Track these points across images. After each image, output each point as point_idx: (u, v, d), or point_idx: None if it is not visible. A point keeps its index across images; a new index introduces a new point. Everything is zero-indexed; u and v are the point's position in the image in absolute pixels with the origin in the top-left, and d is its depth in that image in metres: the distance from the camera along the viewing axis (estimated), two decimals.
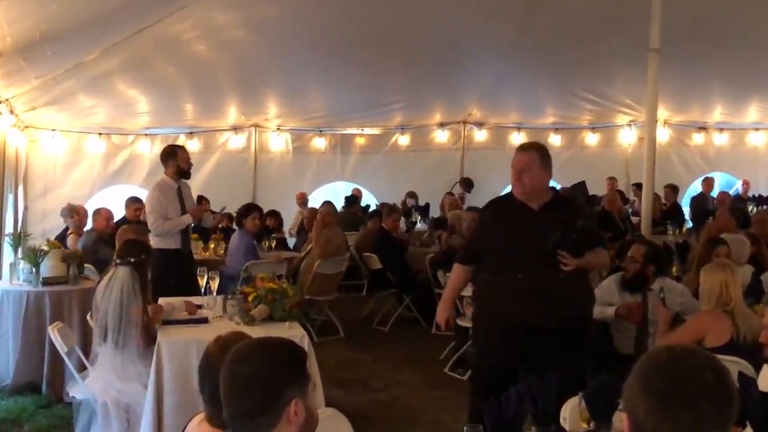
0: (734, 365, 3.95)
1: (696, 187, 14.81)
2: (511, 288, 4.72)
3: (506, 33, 9.81)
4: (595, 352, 5.28)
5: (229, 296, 5.68)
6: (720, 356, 4.25)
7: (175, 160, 7.73)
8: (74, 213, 9.31)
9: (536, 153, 4.77)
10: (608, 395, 2.71)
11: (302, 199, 13.29)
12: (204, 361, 2.85)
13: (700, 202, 13.74)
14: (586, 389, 2.86)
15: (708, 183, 14.22)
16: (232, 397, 2.29)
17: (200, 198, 8.15)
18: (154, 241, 7.70)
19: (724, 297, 4.65)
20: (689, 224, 12.04)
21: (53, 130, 11.44)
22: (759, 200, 13.20)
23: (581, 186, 4.65)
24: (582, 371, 3.06)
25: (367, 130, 14.15)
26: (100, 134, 12.05)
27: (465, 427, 2.70)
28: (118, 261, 5.31)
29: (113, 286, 5.20)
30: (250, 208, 9.54)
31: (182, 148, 8.15)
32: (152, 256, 7.60)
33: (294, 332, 5.14)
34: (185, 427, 2.94)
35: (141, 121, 12.10)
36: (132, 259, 5.30)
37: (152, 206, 7.67)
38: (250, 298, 5.48)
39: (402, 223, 12.02)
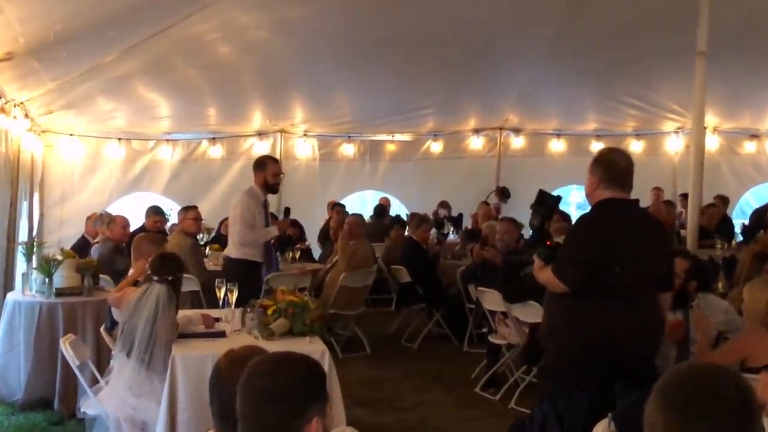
0: None
1: (746, 199, 14.60)
2: None
3: (545, 34, 9.75)
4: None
5: (248, 309, 5.69)
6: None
7: (263, 171, 7.78)
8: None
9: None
10: (639, 414, 2.67)
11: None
12: (214, 375, 2.86)
13: (763, 214, 13.39)
14: (616, 409, 2.83)
15: None
16: (250, 413, 2.29)
17: (287, 210, 8.22)
18: (235, 251, 7.73)
19: None
20: (740, 238, 11.88)
21: (71, 134, 11.61)
22: None
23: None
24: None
25: (398, 137, 14.17)
26: (119, 139, 12.22)
27: None
28: (155, 278, 5.34)
29: (146, 302, 5.23)
30: None
31: (274, 161, 8.09)
32: (234, 267, 7.65)
33: (315, 347, 5.14)
34: None
35: (162, 126, 12.24)
36: (170, 278, 5.35)
37: (242, 213, 7.66)
38: (269, 312, 5.49)
39: (433, 235, 12.00)
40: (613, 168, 4.65)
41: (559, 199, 4.79)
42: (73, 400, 6.76)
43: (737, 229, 12.77)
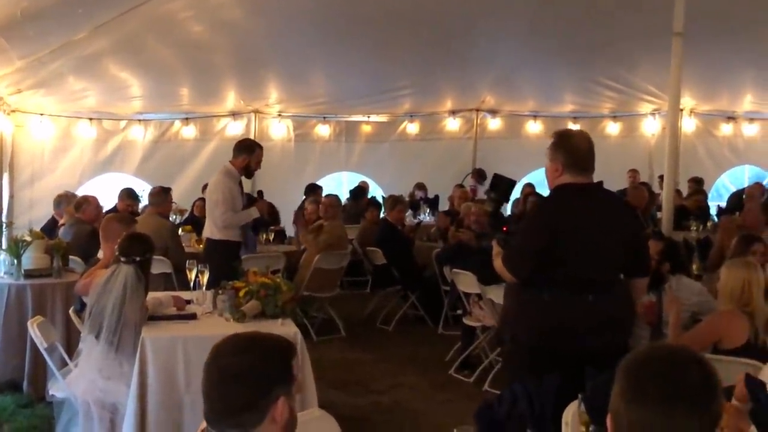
0: (752, 369, 3.93)
1: (722, 181, 14.70)
2: None
3: (522, 15, 9.74)
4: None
5: (220, 291, 5.67)
6: (735, 359, 4.25)
7: (249, 155, 7.74)
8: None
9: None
10: (607, 396, 2.68)
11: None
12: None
13: (741, 197, 13.31)
14: (585, 391, 2.84)
15: None
16: (217, 392, 2.29)
17: (260, 193, 8.22)
18: (218, 233, 7.68)
19: (745, 297, 4.60)
20: (715, 220, 11.94)
21: (41, 114, 11.50)
22: None
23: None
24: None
25: (374, 118, 14.15)
26: (90, 119, 12.13)
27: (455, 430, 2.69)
28: (122, 259, 5.28)
29: (114, 284, 5.18)
30: None
31: (261, 147, 8.04)
32: (216, 249, 7.62)
33: (287, 329, 5.12)
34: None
35: (134, 106, 12.14)
36: (137, 258, 5.29)
37: (224, 195, 7.62)
38: (241, 293, 5.47)
39: (409, 216, 11.99)
40: (575, 153, 4.48)
41: (513, 183, 4.70)
42: (42, 383, 6.70)
43: (713, 211, 12.84)
